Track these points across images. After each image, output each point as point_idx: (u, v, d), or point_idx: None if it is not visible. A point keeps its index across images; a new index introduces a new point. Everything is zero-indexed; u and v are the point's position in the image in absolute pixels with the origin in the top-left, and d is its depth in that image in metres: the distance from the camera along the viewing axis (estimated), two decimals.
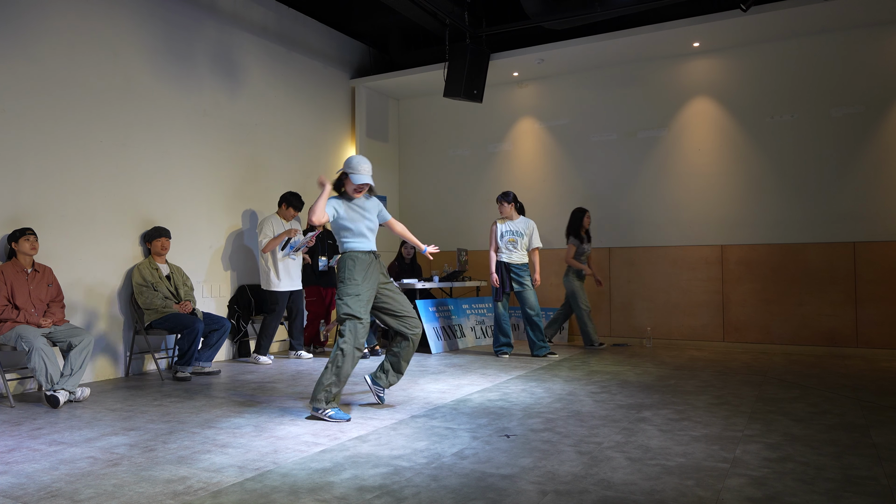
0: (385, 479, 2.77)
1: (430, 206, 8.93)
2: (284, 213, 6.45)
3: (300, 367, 6.00)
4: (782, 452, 3.13)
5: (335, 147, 8.22)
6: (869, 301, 6.51)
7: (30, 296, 4.58)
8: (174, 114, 6.11)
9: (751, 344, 6.98)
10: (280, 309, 6.35)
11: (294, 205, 6.44)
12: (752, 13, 6.25)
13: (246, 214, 6.87)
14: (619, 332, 7.65)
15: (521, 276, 6.44)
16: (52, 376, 4.32)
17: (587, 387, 4.83)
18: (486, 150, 8.57)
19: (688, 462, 2.98)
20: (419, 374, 5.51)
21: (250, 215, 6.90)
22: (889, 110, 6.53)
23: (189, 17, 6.28)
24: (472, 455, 3.12)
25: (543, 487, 2.66)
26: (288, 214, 6.46)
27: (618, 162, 7.72)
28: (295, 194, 6.51)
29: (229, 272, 6.66)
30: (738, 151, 7.15)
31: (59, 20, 5.21)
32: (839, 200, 6.67)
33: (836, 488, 2.63)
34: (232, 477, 2.83)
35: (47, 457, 3.17)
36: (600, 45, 7.20)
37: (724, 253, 7.18)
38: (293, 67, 7.54)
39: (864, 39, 6.63)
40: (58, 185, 5.16)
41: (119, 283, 5.59)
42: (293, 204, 6.43)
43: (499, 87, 8.39)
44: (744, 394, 4.53)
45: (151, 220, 5.84)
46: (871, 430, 3.55)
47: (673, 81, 7.50)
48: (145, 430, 3.66)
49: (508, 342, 6.52)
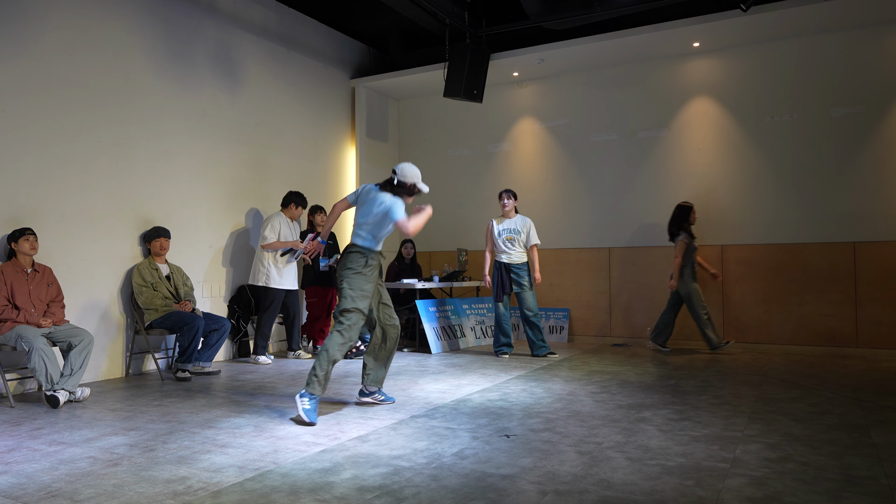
0: (385, 479, 2.77)
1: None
2: (293, 212, 6.49)
3: (300, 367, 6.00)
4: (782, 452, 3.13)
5: (335, 147, 8.22)
6: (869, 301, 6.51)
7: (30, 296, 4.58)
8: (174, 113, 6.11)
9: (751, 344, 6.98)
10: (275, 306, 6.36)
11: (302, 203, 6.54)
12: (752, 13, 6.25)
13: (246, 214, 6.87)
14: (619, 332, 7.64)
15: (521, 277, 6.44)
16: (52, 376, 4.32)
17: (587, 387, 4.83)
18: (486, 150, 8.57)
19: (688, 462, 2.98)
20: (419, 374, 5.51)
21: (250, 215, 6.90)
22: (889, 110, 6.53)
23: (189, 16, 6.28)
24: (472, 455, 3.12)
25: (543, 487, 2.66)
26: (296, 214, 6.51)
27: (618, 162, 7.72)
28: (300, 193, 6.58)
29: (229, 272, 6.66)
30: (738, 151, 7.15)
31: (58, 20, 5.20)
32: (839, 200, 6.67)
33: (836, 488, 2.63)
34: (232, 477, 2.82)
35: (47, 457, 3.17)
36: (600, 45, 7.20)
37: (724, 253, 7.18)
38: (293, 67, 7.54)
39: (864, 39, 6.63)
40: (57, 185, 5.16)
41: (119, 283, 5.59)
42: (301, 203, 6.53)
43: (499, 87, 8.39)
44: (744, 394, 4.53)
45: (151, 220, 5.84)
46: (871, 430, 3.55)
47: (673, 81, 7.50)
48: (145, 430, 3.66)
49: (509, 342, 6.52)
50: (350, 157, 8.47)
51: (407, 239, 8.13)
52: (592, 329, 7.81)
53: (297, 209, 6.50)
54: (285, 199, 6.54)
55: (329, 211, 6.90)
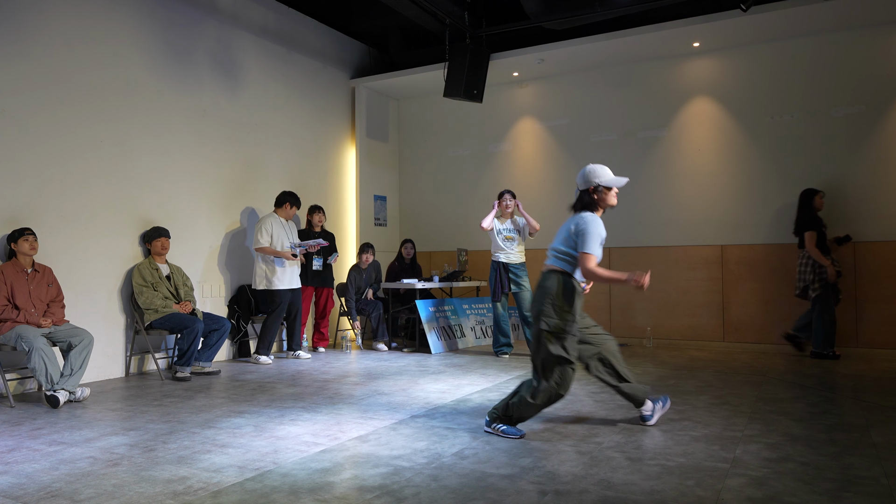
0: (385, 479, 2.77)
1: (430, 206, 8.92)
2: (287, 212, 6.48)
3: (300, 368, 6.00)
4: (782, 452, 3.13)
5: (335, 147, 8.22)
6: (869, 301, 6.51)
7: (30, 296, 4.58)
8: (174, 113, 6.11)
9: (751, 344, 6.98)
10: (281, 308, 6.35)
11: (296, 203, 6.54)
12: (752, 13, 6.24)
13: (246, 214, 6.87)
14: (619, 332, 7.64)
15: (519, 277, 6.44)
16: (52, 376, 4.32)
17: (587, 387, 4.83)
18: (486, 150, 8.57)
19: (688, 462, 2.98)
20: (419, 374, 5.51)
21: (250, 215, 6.90)
22: (889, 110, 6.53)
23: (189, 17, 6.28)
24: (472, 455, 3.12)
25: (543, 487, 2.66)
26: (290, 213, 6.51)
27: (618, 162, 7.71)
28: (293, 193, 6.60)
29: (229, 272, 6.66)
30: (739, 151, 7.15)
31: (58, 20, 5.20)
32: (838, 200, 6.67)
33: (836, 488, 2.63)
34: (232, 477, 2.82)
35: (47, 457, 3.17)
36: (600, 45, 7.20)
37: (724, 253, 7.18)
38: (293, 67, 7.54)
39: (864, 39, 6.63)
40: (57, 185, 5.15)
41: (119, 282, 5.59)
42: (295, 202, 6.53)
43: (499, 87, 8.38)
44: (744, 394, 4.53)
45: (151, 220, 5.84)
46: (871, 430, 3.55)
47: (673, 81, 7.50)
48: (145, 430, 3.66)
49: (508, 342, 6.52)
50: (350, 157, 8.47)
51: (407, 239, 8.13)
52: None
53: (291, 209, 6.49)
54: (279, 199, 6.53)
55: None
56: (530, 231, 6.48)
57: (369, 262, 7.45)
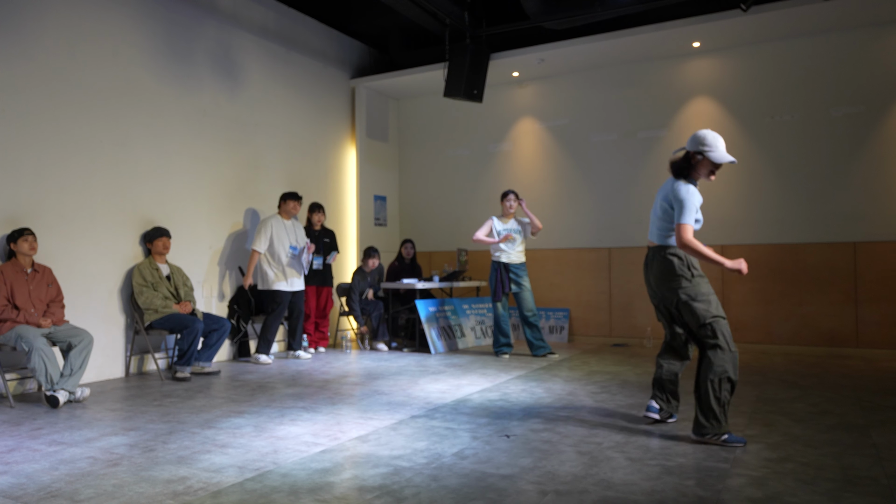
0: (385, 479, 2.77)
1: (430, 206, 8.92)
2: (289, 210, 6.50)
3: (300, 367, 6.00)
4: (782, 452, 3.13)
5: (335, 147, 8.22)
6: (869, 301, 6.51)
7: (30, 296, 4.58)
8: (174, 113, 6.11)
9: (751, 344, 6.98)
10: (282, 309, 6.36)
11: (295, 198, 6.55)
12: (752, 13, 6.24)
13: (246, 214, 6.87)
14: (619, 332, 7.64)
15: (520, 277, 6.43)
16: (52, 376, 4.32)
17: (587, 387, 4.83)
18: (486, 150, 8.57)
19: (688, 462, 2.98)
20: (419, 374, 5.51)
21: (250, 215, 6.90)
22: (889, 110, 6.53)
23: (189, 17, 6.28)
24: (472, 455, 3.12)
25: (543, 487, 2.66)
26: (293, 209, 6.52)
27: (618, 162, 7.72)
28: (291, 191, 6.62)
29: (229, 272, 6.66)
30: (738, 151, 7.14)
31: (58, 19, 5.20)
32: (839, 200, 6.67)
33: (836, 488, 2.63)
34: (232, 477, 2.82)
35: (47, 457, 3.17)
36: (600, 45, 7.20)
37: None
38: (293, 67, 7.54)
39: (864, 39, 6.62)
40: (57, 185, 5.15)
41: (119, 282, 5.59)
42: (294, 198, 6.54)
43: (499, 87, 8.38)
44: (744, 394, 4.53)
45: (151, 220, 5.84)
46: (871, 430, 3.55)
47: (673, 81, 7.50)
48: (145, 430, 3.66)
49: (508, 342, 6.52)
50: (350, 157, 8.47)
51: (407, 239, 8.13)
52: (592, 329, 7.81)
53: (291, 205, 6.51)
54: (279, 201, 6.59)
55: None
56: (533, 230, 6.48)
57: (374, 267, 7.46)
